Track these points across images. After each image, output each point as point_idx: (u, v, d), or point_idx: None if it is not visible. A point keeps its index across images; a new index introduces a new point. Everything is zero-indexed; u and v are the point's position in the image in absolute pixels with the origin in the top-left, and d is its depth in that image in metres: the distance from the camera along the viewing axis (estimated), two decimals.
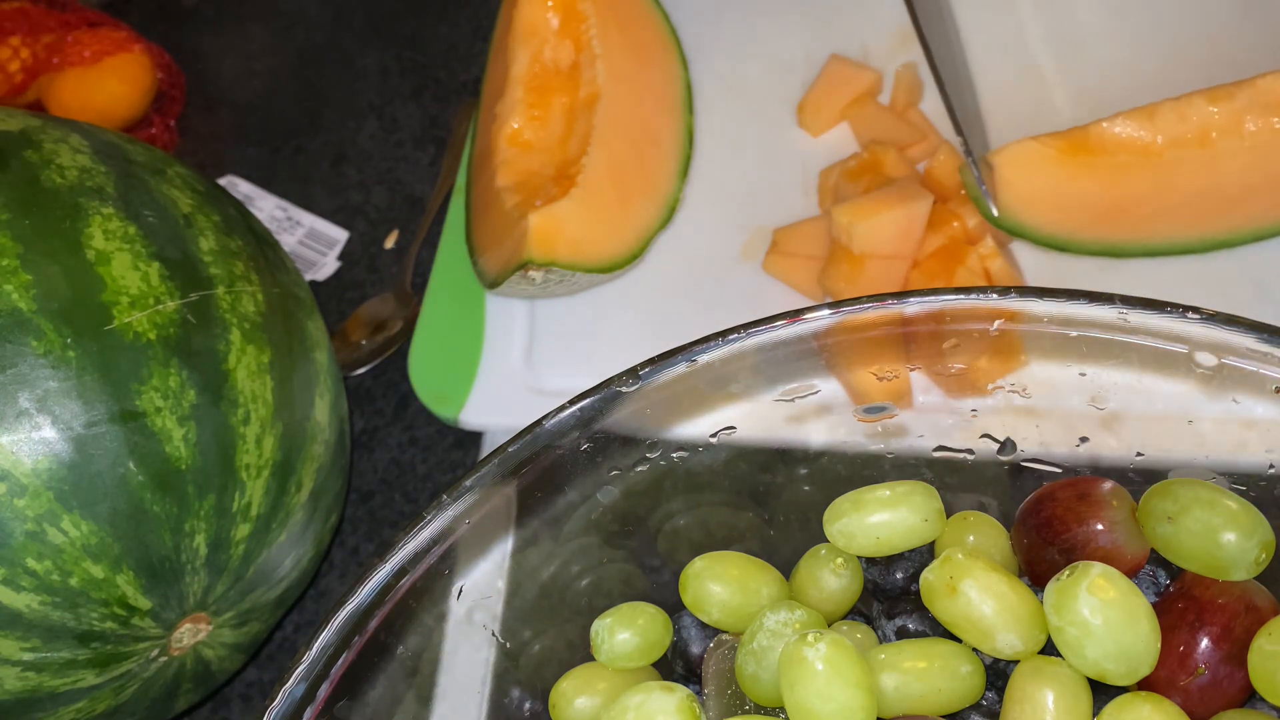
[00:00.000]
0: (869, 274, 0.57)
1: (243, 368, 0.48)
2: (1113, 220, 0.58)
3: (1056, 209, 0.58)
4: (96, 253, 0.46)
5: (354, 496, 0.63)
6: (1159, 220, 0.57)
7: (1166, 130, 0.57)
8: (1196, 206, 0.57)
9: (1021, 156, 0.57)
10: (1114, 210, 0.57)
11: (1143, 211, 0.57)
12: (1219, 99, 0.57)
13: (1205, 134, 0.56)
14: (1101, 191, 0.57)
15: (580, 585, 0.44)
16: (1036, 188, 0.57)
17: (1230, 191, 0.57)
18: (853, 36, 0.69)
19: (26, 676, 0.44)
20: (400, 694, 0.41)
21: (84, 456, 0.43)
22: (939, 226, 0.59)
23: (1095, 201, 0.57)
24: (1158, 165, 0.57)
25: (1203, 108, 0.57)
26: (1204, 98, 0.57)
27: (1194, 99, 0.57)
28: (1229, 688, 0.35)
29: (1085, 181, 0.57)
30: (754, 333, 0.40)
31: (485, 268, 0.62)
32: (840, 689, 0.33)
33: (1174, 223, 0.58)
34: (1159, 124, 0.57)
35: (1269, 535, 0.35)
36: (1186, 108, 0.57)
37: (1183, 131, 0.57)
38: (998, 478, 0.43)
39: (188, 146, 0.78)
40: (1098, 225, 0.58)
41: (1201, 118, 0.57)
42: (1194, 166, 0.57)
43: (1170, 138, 0.57)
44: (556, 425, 0.40)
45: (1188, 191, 0.57)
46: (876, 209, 0.57)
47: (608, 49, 0.65)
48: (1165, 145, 0.57)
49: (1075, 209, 0.58)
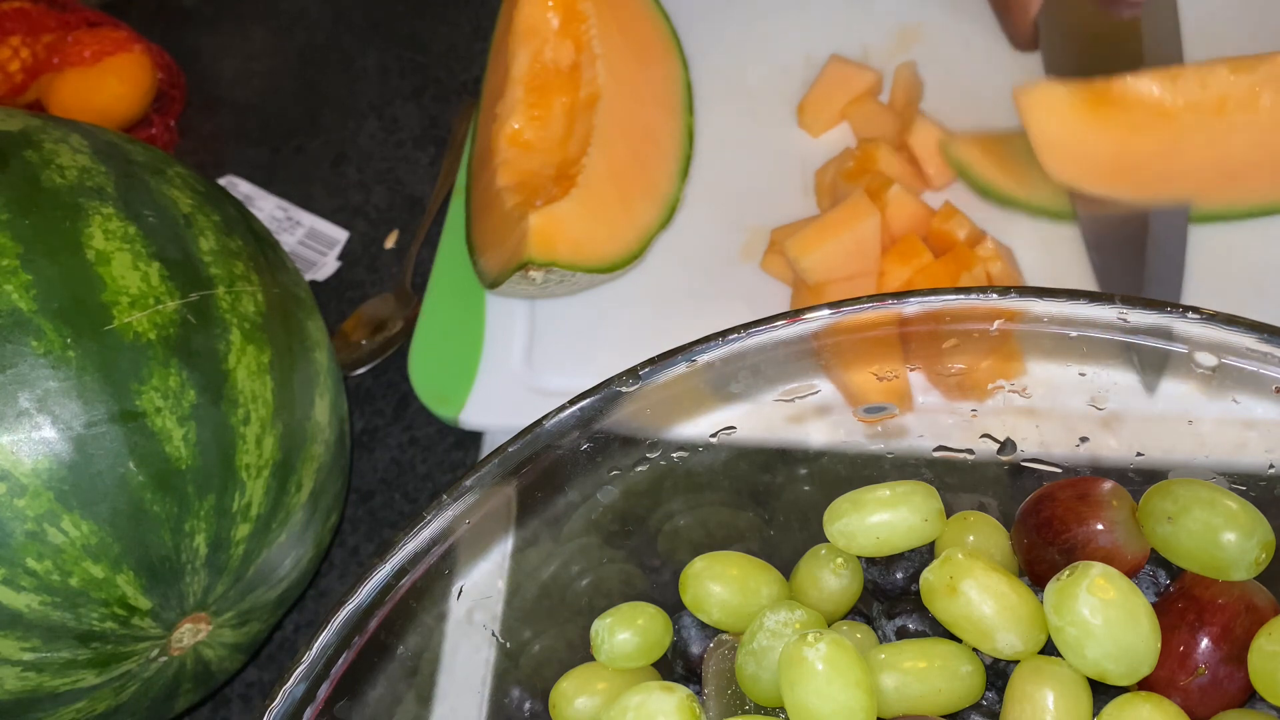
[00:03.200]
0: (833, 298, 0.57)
1: (243, 368, 0.48)
2: (1117, 177, 0.58)
3: (1068, 158, 0.58)
4: (96, 253, 0.46)
5: (354, 496, 0.63)
6: (1162, 183, 0.58)
7: (1187, 94, 0.57)
8: (1201, 175, 0.57)
9: (1047, 99, 0.57)
10: (1121, 167, 0.57)
11: (1148, 172, 0.57)
12: (1241, 69, 0.57)
13: (1223, 102, 0.56)
14: (1115, 146, 0.57)
15: (580, 585, 0.44)
16: (1055, 133, 0.57)
17: (1235, 164, 0.57)
18: (853, 36, 0.69)
19: (26, 676, 0.44)
20: (400, 694, 0.41)
21: (84, 456, 0.43)
22: (939, 233, 0.59)
23: (1105, 155, 0.57)
24: (1172, 128, 0.57)
25: (1225, 76, 0.57)
26: (1227, 66, 0.57)
27: (1217, 66, 0.57)
28: (1229, 688, 0.35)
29: (1101, 134, 0.57)
30: (754, 333, 0.40)
31: (485, 268, 0.62)
32: (840, 689, 0.33)
33: (1177, 188, 0.58)
34: (1180, 87, 0.57)
35: (1269, 535, 0.35)
36: (1209, 74, 0.57)
37: (1202, 97, 0.57)
38: (998, 478, 0.43)
39: (188, 146, 0.78)
40: (1102, 180, 0.58)
41: (1222, 86, 0.57)
42: (1206, 134, 0.57)
43: (1189, 101, 0.57)
44: (556, 425, 0.40)
45: (1196, 158, 0.57)
46: (821, 238, 0.57)
47: (608, 49, 0.65)
48: (1183, 108, 0.57)
49: (1085, 160, 0.58)
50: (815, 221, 0.59)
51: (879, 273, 0.58)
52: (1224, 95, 0.57)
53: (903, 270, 0.58)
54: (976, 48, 0.68)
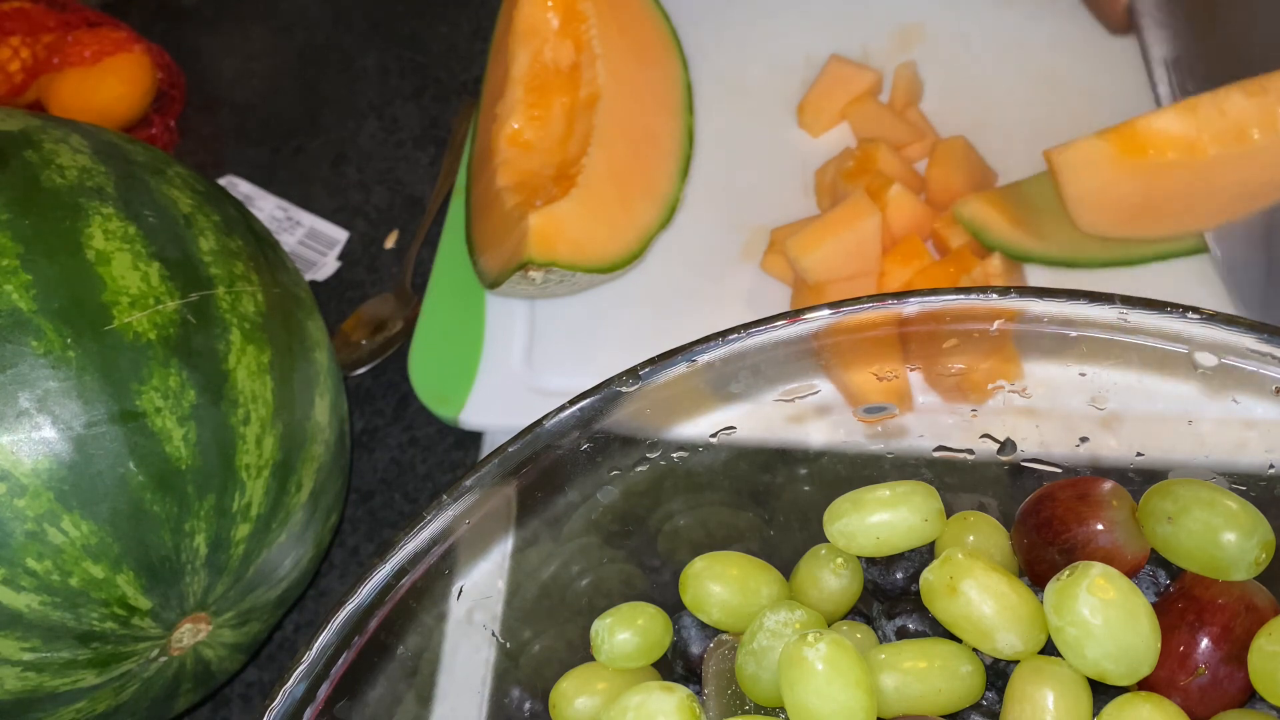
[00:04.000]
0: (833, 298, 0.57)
1: (243, 368, 0.48)
2: (1145, 217, 0.57)
3: (1101, 209, 0.57)
4: (96, 253, 0.46)
5: (354, 496, 0.63)
6: (1188, 216, 0.57)
7: (1209, 125, 0.56)
8: (1225, 200, 0.57)
9: (1079, 156, 0.56)
10: (1149, 207, 0.57)
11: (1175, 207, 0.57)
12: (1254, 91, 0.56)
13: (1242, 129, 0.56)
14: (1144, 188, 0.57)
15: (580, 585, 0.44)
16: (1087, 187, 0.56)
17: (1256, 185, 0.57)
18: (853, 36, 0.69)
19: (26, 676, 0.44)
20: (400, 694, 0.41)
21: (84, 456, 0.43)
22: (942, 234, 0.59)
23: (1135, 200, 0.57)
24: (1198, 160, 0.56)
25: (1240, 101, 0.56)
26: (1241, 90, 0.56)
27: (1231, 92, 0.56)
28: (1229, 688, 0.35)
29: (1131, 180, 0.57)
30: (754, 333, 0.40)
31: (485, 268, 0.62)
32: (840, 689, 0.33)
33: (1202, 218, 0.57)
34: (1202, 118, 0.56)
35: (1269, 535, 0.35)
36: (1225, 101, 0.56)
37: (1223, 126, 0.56)
38: (998, 478, 0.43)
39: (188, 146, 0.78)
40: (1131, 224, 0.57)
41: (1239, 112, 0.56)
42: (1230, 162, 0.56)
43: (1213, 132, 0.56)
44: (556, 425, 0.40)
45: (1220, 186, 0.57)
46: (821, 238, 0.57)
47: (608, 49, 0.65)
48: (1208, 140, 0.56)
49: (1116, 208, 0.57)
50: (815, 221, 0.59)
51: (879, 273, 0.58)
52: (1242, 121, 0.56)
53: (903, 270, 0.58)
54: (976, 48, 0.68)
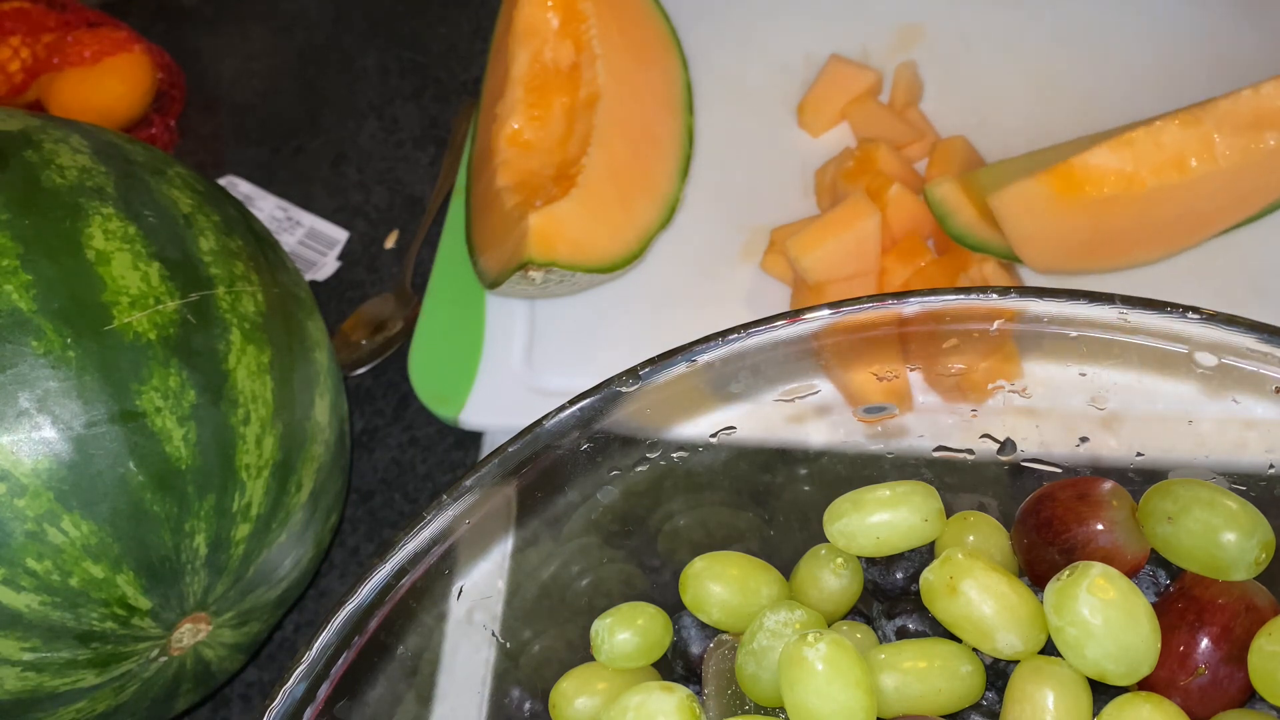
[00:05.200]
0: (833, 298, 0.56)
1: (243, 368, 0.48)
2: (1095, 252, 0.57)
3: (1047, 248, 0.57)
4: (96, 253, 0.46)
5: (354, 496, 0.63)
6: (1138, 249, 0.57)
7: (1146, 158, 0.56)
8: (1174, 232, 0.57)
9: (1020, 198, 0.55)
10: (1098, 242, 0.57)
11: (1124, 242, 0.57)
12: (1189, 122, 0.56)
13: (1181, 160, 0.55)
14: (1090, 224, 0.56)
15: (580, 585, 0.44)
16: (1030, 228, 0.56)
17: (1205, 212, 0.56)
18: (853, 36, 0.69)
19: (26, 676, 0.44)
20: (400, 694, 0.41)
21: (84, 456, 0.43)
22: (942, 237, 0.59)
23: (1081, 237, 0.56)
24: (1140, 195, 0.56)
25: (1176, 131, 0.55)
26: (1177, 120, 0.56)
27: (1167, 123, 0.56)
28: (1229, 688, 0.35)
29: (1075, 218, 0.56)
30: (754, 333, 0.40)
31: (485, 268, 0.62)
32: (840, 689, 0.33)
33: (1152, 250, 0.57)
34: (1139, 153, 0.56)
35: (1269, 535, 0.35)
36: (1161, 133, 0.56)
37: (1160, 159, 0.55)
38: (998, 478, 0.43)
39: (188, 146, 0.78)
40: (1082, 259, 0.57)
41: (1176, 143, 0.55)
42: (1173, 193, 0.56)
43: (1151, 165, 0.56)
44: (556, 425, 0.40)
45: (1168, 218, 0.56)
46: (821, 238, 0.57)
47: (608, 49, 0.65)
48: (1147, 173, 0.56)
49: (1063, 246, 0.57)
50: (815, 221, 0.59)
51: (879, 272, 0.58)
52: (1180, 151, 0.55)
53: (903, 270, 0.58)
54: (976, 48, 0.68)
